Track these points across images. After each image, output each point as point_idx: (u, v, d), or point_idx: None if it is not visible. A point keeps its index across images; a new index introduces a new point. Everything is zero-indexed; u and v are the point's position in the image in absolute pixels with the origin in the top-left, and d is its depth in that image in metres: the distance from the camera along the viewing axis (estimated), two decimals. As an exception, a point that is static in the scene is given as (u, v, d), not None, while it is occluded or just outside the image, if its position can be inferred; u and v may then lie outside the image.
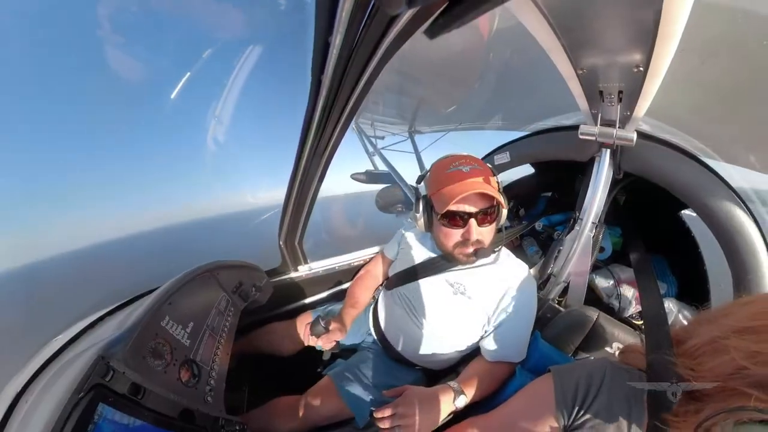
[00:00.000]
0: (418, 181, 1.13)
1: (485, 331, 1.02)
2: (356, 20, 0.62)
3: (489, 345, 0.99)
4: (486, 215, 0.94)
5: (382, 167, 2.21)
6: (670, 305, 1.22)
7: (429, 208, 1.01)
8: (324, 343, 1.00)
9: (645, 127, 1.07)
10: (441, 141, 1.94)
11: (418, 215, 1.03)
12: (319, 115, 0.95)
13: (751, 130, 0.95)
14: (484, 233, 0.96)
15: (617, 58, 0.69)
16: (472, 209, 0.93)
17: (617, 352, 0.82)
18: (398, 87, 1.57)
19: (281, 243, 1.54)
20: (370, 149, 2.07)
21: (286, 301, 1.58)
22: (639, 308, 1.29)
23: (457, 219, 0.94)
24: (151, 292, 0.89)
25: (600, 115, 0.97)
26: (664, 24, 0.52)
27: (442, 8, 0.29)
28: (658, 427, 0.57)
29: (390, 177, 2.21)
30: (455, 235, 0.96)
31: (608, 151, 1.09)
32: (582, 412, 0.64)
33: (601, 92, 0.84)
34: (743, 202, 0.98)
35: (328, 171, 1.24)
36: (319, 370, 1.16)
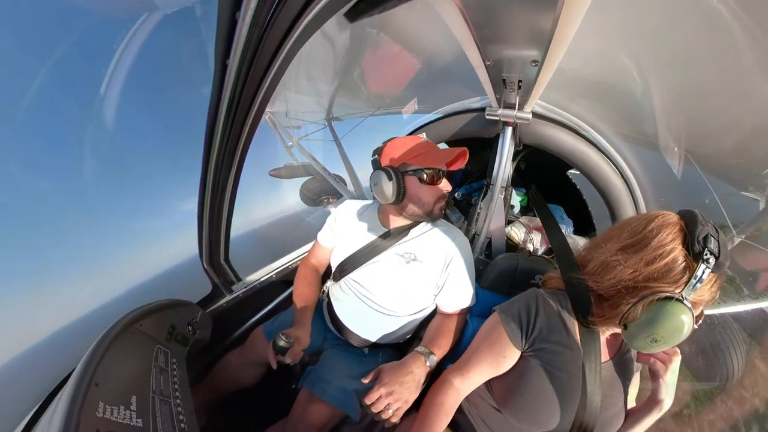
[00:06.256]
0: (376, 154, 1.13)
1: (438, 288, 1.12)
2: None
3: (446, 298, 1.11)
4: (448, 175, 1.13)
5: (302, 159, 2.08)
6: (570, 240, 1.55)
7: (400, 177, 1.05)
8: (293, 359, 0.95)
9: (538, 109, 1.32)
10: (360, 127, 1.93)
11: (388, 186, 1.03)
12: (226, 107, 0.80)
13: (613, 112, 1.26)
14: None
15: (519, 53, 0.79)
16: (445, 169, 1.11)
17: (541, 283, 1.02)
18: (309, 74, 1.46)
19: (205, 265, 1.34)
20: (288, 141, 1.91)
21: (232, 327, 1.43)
22: (548, 246, 1.61)
23: (436, 178, 1.08)
24: (65, 380, 0.68)
25: (503, 99, 1.12)
26: (560, 28, 0.63)
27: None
28: (587, 325, 0.78)
29: (312, 168, 2.11)
30: (437, 191, 1.10)
31: (510, 128, 1.29)
32: (530, 333, 0.81)
33: (504, 80, 0.95)
34: (610, 160, 1.32)
35: (242, 171, 1.10)
36: (294, 386, 1.11)
